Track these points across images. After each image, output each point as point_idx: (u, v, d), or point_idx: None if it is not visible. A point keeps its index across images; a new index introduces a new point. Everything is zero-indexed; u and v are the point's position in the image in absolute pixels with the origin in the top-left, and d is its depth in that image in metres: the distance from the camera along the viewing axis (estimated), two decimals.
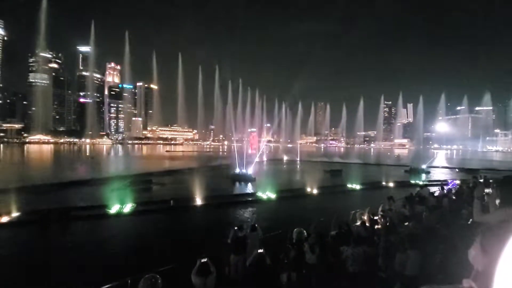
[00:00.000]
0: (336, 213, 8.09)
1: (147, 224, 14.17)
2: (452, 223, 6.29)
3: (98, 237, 12.23)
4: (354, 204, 20.18)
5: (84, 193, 22.13)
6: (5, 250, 10.89)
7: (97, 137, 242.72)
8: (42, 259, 9.59)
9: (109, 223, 14.24)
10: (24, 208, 15.11)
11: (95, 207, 16.53)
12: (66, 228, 13.48)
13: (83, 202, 17.86)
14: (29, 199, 18.85)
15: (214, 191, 22.84)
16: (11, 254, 10.47)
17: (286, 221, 14.40)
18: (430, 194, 10.32)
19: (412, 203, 9.29)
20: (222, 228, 11.63)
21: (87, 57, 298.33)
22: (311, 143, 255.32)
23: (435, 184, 27.27)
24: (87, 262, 9.40)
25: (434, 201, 8.98)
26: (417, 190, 13.31)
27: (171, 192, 22.10)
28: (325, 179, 33.35)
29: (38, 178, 24.10)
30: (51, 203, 18.01)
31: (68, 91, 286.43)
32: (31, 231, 13.03)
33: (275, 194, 20.53)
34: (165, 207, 16.96)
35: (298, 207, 18.22)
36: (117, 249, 11.04)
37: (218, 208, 17.65)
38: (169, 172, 35.58)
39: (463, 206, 7.53)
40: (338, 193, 23.45)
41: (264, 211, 17.23)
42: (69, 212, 14.88)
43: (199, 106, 53.56)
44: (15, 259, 9.90)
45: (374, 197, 22.57)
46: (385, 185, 27.13)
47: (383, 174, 29.82)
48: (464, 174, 37.18)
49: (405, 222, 7.28)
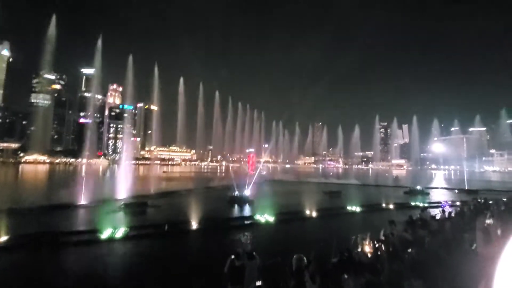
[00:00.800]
0: (336, 238, 7.83)
1: (139, 251, 13.53)
2: (455, 249, 6.11)
3: (86, 265, 11.58)
4: (354, 227, 19.72)
5: (74, 216, 21.40)
6: None
7: (94, 157, 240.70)
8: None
9: (99, 249, 13.57)
10: (13, 231, 14.47)
11: (86, 232, 15.89)
12: (55, 253, 12.82)
13: (74, 226, 17.20)
14: (17, 222, 18.16)
15: (211, 214, 22.26)
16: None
17: (285, 246, 13.91)
18: (431, 217, 10.13)
19: (414, 227, 9.08)
20: (218, 255, 11.16)
21: (90, 78, 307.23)
22: (309, 163, 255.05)
23: (435, 206, 26.93)
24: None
25: (436, 225, 8.79)
26: (418, 213, 13.08)
27: (166, 216, 21.43)
28: (324, 201, 32.80)
29: (27, 200, 23.38)
30: (41, 226, 17.36)
31: (69, 111, 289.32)
32: (21, 256, 12.36)
33: (273, 216, 20.02)
34: (159, 232, 16.32)
35: (297, 231, 17.71)
36: (105, 278, 10.42)
37: (215, 233, 17.04)
38: (165, 194, 34.85)
39: (465, 230, 7.38)
40: (338, 215, 22.96)
41: (262, 235, 16.67)
42: (58, 237, 14.23)
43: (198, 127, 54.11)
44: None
45: (375, 219, 22.10)
46: (385, 207, 26.70)
47: (383, 196, 29.45)
48: (464, 195, 36.87)
49: (408, 247, 7.06)
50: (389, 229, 8.70)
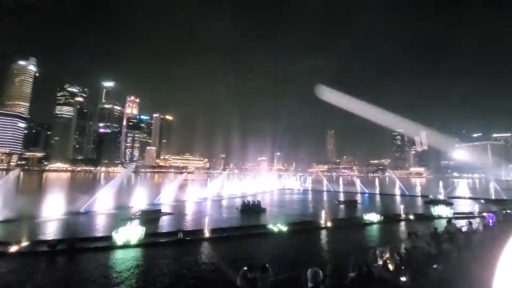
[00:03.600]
0: (353, 250, 7.45)
1: (153, 258, 13.56)
2: (485, 265, 5.60)
3: (98, 272, 11.72)
4: (372, 239, 18.82)
5: (92, 222, 22.05)
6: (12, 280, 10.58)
7: (112, 166, 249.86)
8: None
9: (114, 256, 13.77)
10: (32, 237, 15.05)
11: (101, 238, 16.22)
12: (72, 259, 13.14)
13: (90, 232, 17.65)
14: (37, 229, 18.93)
15: (224, 223, 22.17)
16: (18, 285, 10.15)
17: (299, 258, 13.44)
18: (458, 230, 9.44)
19: (438, 240, 8.48)
20: (230, 265, 10.95)
21: (110, 91, 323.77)
22: (322, 171, 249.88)
23: (460, 217, 25.22)
24: None
25: (464, 238, 8.17)
26: (444, 225, 12.25)
27: (180, 223, 21.66)
28: (339, 210, 31.79)
29: (48, 207, 24.43)
30: (60, 233, 17.98)
31: (90, 122, 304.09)
32: (38, 261, 12.76)
33: (286, 226, 19.54)
34: (173, 240, 16.37)
35: (312, 242, 17.09)
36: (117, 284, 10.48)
37: (227, 242, 16.84)
38: (179, 202, 35.27)
39: (495, 243, 6.77)
40: (354, 226, 22.02)
41: (274, 245, 16.22)
42: (75, 243, 14.62)
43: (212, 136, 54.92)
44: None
45: (394, 231, 21.01)
46: (405, 217, 25.35)
47: (402, 205, 28.03)
48: (491, 205, 34.46)
49: (433, 262, 6.57)
50: (410, 241, 8.18)
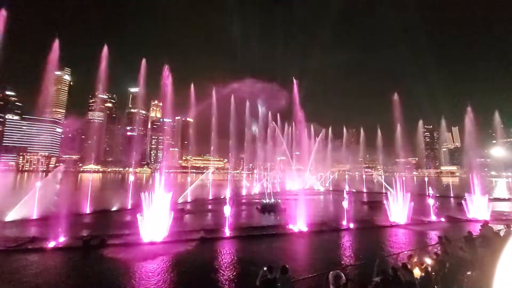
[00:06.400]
0: (378, 254, 7.16)
1: (177, 255, 14.14)
2: None
3: (129, 265, 12.53)
4: (398, 242, 17.86)
5: (122, 220, 23.49)
6: (51, 274, 11.63)
7: (139, 166, 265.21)
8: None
9: (141, 251, 14.59)
10: (69, 234, 16.43)
11: (130, 234, 17.24)
12: (103, 254, 14.12)
13: (120, 229, 18.79)
14: (73, 225, 20.55)
15: (244, 222, 22.44)
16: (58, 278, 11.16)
17: (320, 260, 13.16)
18: (495, 234, 8.67)
19: (473, 245, 7.85)
20: (250, 265, 11.06)
21: (136, 96, 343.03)
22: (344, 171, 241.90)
23: (497, 220, 23.06)
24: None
25: (501, 243, 7.47)
26: (479, 229, 11.31)
27: (202, 222, 22.36)
28: (362, 211, 30.63)
29: (83, 205, 26.58)
30: (92, 229, 19.38)
31: (118, 126, 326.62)
32: (74, 256, 13.90)
33: (306, 227, 19.26)
34: (195, 238, 16.95)
35: (333, 243, 16.67)
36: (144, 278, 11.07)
37: (247, 241, 17.01)
38: (200, 201, 36.33)
39: None
40: (378, 228, 21.09)
41: (294, 247, 16.07)
42: (106, 239, 15.75)
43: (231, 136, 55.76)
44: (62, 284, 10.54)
45: (422, 234, 19.76)
46: (435, 220, 23.77)
47: (432, 207, 26.22)
48: None
49: (467, 269, 6.10)
50: (441, 246, 7.67)
